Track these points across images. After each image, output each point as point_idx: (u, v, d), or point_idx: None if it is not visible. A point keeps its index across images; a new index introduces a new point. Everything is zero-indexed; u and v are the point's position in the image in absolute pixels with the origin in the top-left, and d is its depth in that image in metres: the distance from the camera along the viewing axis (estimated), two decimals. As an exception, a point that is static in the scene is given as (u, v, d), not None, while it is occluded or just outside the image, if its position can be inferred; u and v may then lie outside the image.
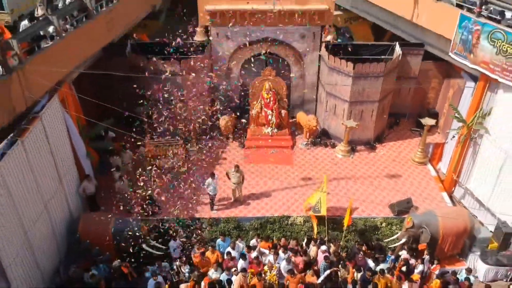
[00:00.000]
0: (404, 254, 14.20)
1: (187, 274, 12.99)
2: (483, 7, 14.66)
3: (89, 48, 14.76)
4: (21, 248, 11.72)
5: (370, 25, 22.14)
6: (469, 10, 15.27)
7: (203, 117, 17.73)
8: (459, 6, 15.64)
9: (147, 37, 22.09)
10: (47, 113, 12.79)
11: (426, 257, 13.77)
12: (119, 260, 12.62)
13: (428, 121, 17.36)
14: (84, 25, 14.25)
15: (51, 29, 13.07)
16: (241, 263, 12.82)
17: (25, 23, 13.14)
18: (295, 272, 12.75)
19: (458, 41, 15.63)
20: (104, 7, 15.36)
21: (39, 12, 13.69)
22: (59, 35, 13.14)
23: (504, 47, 13.97)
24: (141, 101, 16.30)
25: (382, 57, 18.56)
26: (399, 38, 18.77)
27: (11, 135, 11.58)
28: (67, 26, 13.64)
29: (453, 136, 16.99)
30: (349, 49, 18.17)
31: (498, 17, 14.39)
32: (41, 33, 13.11)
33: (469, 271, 13.67)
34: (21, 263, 11.76)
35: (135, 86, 15.74)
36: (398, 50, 17.93)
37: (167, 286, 12.31)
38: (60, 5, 14.12)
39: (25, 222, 11.84)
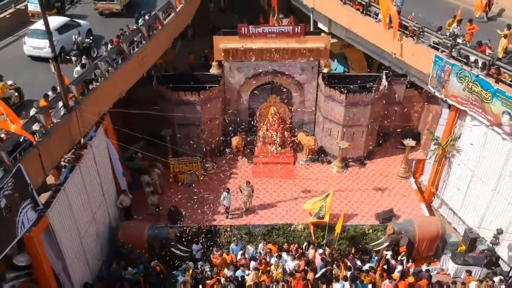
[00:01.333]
0: (389, 255, 17.00)
1: (208, 273, 15.79)
2: (453, 50, 17.49)
3: (125, 84, 17.53)
4: (77, 250, 14.57)
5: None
6: (443, 51, 18.09)
7: (217, 138, 20.57)
8: (434, 47, 18.42)
9: (164, 63, 24.99)
10: (95, 141, 15.64)
11: (404, 258, 16.56)
12: (156, 261, 15.44)
13: (409, 143, 20.18)
14: (121, 65, 17.05)
15: (97, 72, 15.86)
16: (253, 263, 15.65)
17: (77, 69, 15.90)
18: (295, 272, 15.57)
19: (434, 76, 18.45)
20: (136, 48, 18.15)
21: (84, 61, 16.47)
22: (104, 77, 15.97)
23: (469, 85, 16.75)
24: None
25: (373, 85, 21.41)
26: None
27: (69, 159, 14.45)
28: (109, 68, 16.43)
29: (430, 156, 19.81)
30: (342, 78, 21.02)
31: (465, 60, 17.19)
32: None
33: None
34: (77, 262, 14.60)
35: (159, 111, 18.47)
36: (384, 81, 20.74)
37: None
38: (103, 51, 16.97)
39: (80, 230, 14.68)
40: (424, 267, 16.78)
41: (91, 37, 19.90)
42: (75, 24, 19.63)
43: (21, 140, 12.30)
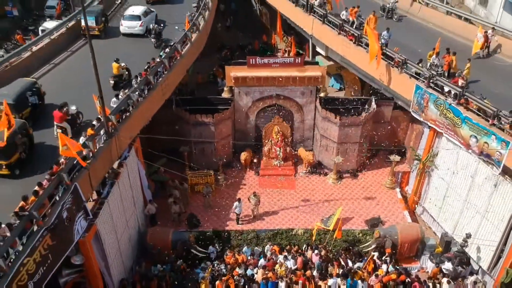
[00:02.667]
0: (375, 255, 19.83)
1: (223, 270, 18.64)
2: (431, 80, 20.35)
3: (152, 110, 20.36)
4: (116, 252, 17.43)
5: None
6: (422, 81, 20.92)
7: (228, 153, 23.44)
8: (415, 77, 21.26)
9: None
10: (129, 161, 18.50)
11: (388, 258, 19.42)
12: (180, 260, 18.30)
13: (395, 158, 23.05)
14: (149, 95, 19.91)
15: (130, 102, 18.70)
16: (261, 262, 18.53)
17: (114, 100, 18.74)
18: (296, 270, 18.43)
19: (415, 102, 21.33)
20: (159, 79, 21.00)
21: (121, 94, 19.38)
22: (135, 106, 18.83)
23: (444, 112, 19.61)
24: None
25: (364, 107, 24.29)
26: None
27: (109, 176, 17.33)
28: (139, 98, 19.27)
29: (413, 170, 22.68)
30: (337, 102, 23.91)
31: (440, 90, 20.04)
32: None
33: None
34: (116, 261, 17.45)
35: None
36: (373, 105, 23.61)
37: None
38: (134, 82, 19.85)
39: (118, 235, 17.54)
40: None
41: (162, 25, 27.59)
42: (151, 11, 28.41)
43: (74, 163, 15.18)
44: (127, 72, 21.83)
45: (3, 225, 12.37)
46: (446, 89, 19.77)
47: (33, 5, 43.49)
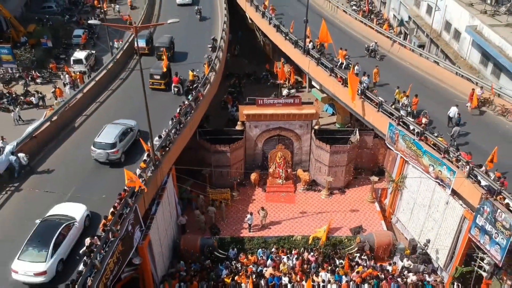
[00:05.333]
0: (357, 257, 25.11)
1: (240, 268, 23.92)
2: (400, 120, 25.66)
3: (183, 143, 25.60)
4: (160, 255, 22.70)
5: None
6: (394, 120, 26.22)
7: (241, 174, 28.78)
8: (389, 116, 26.53)
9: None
10: (168, 184, 23.81)
11: (365, 257, 24.73)
12: (208, 261, 23.63)
13: (374, 179, 28.40)
14: (181, 132, 25.17)
15: (169, 139, 23.98)
16: (269, 262, 23.86)
17: (157, 138, 23.92)
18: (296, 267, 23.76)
19: (388, 136, 26.66)
20: (188, 117, 26.26)
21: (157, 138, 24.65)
22: (173, 142, 24.12)
23: (409, 145, 24.95)
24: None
25: (351, 136, 29.64)
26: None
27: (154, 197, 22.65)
28: (175, 136, 24.55)
29: (389, 187, 28.07)
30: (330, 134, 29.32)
31: (406, 127, 25.34)
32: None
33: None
34: (160, 262, 22.73)
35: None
36: (357, 135, 28.96)
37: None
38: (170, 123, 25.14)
39: (161, 241, 22.80)
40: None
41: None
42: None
43: (135, 190, 20.47)
44: (197, 78, 29.49)
45: (95, 237, 17.68)
46: (412, 127, 25.12)
47: (62, 34, 48.34)
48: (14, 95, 36.72)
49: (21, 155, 21.79)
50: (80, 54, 40.40)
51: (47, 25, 48.59)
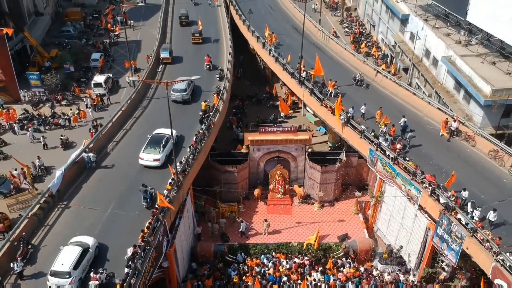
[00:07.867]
0: (344, 259, 30.15)
1: (246, 270, 28.92)
2: (378, 147, 30.71)
3: (199, 166, 30.55)
4: (181, 259, 27.72)
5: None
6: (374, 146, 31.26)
7: (246, 190, 33.87)
8: (370, 142, 31.56)
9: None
10: (187, 201, 28.85)
11: (350, 261, 29.80)
12: (222, 264, 28.66)
13: (357, 194, 33.51)
14: (198, 157, 30.14)
15: (188, 164, 28.96)
16: (270, 264, 28.92)
17: (178, 164, 28.93)
18: (293, 269, 28.81)
19: (369, 159, 31.72)
20: (203, 143, 31.21)
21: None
22: (191, 166, 29.11)
23: (386, 168, 30.01)
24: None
25: (338, 157, 34.71)
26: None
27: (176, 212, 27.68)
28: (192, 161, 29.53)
29: (371, 201, 33.18)
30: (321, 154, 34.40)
31: (383, 152, 30.41)
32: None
33: None
34: (182, 264, 27.74)
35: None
36: (343, 156, 34.06)
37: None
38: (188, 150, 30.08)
39: (182, 248, 27.82)
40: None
41: None
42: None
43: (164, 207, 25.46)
44: (209, 107, 34.51)
45: (137, 246, 22.66)
46: (387, 153, 30.19)
47: (80, 57, 52.94)
48: (43, 117, 40.81)
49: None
50: (99, 78, 44.90)
51: (67, 49, 52.93)
